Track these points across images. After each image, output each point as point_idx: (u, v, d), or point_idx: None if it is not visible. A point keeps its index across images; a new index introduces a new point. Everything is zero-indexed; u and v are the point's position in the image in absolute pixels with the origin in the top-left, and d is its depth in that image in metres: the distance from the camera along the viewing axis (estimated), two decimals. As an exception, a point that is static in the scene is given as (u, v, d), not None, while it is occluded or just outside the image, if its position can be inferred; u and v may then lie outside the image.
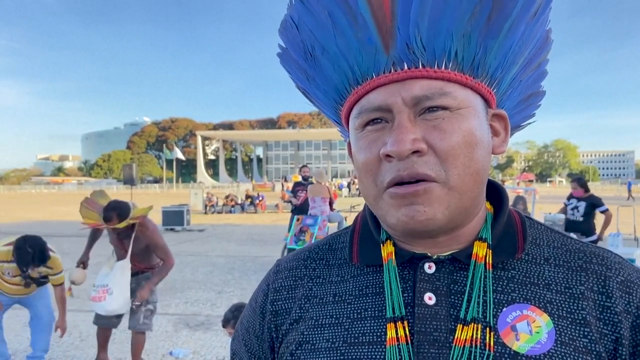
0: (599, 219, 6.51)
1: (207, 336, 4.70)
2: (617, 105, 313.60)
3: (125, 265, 3.59)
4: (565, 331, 0.53)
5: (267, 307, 0.67)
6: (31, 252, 3.34)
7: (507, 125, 0.62)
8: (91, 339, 4.63)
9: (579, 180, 6.78)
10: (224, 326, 3.04)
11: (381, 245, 0.62)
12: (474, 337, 0.53)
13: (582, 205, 6.47)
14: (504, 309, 0.55)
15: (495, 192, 0.65)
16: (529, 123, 0.72)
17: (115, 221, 3.41)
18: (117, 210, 3.46)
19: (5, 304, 3.58)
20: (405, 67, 0.54)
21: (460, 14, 0.51)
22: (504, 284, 0.57)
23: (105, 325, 3.78)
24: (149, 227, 3.62)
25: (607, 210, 6.40)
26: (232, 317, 2.97)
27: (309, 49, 0.58)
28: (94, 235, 4.06)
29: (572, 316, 0.55)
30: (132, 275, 3.67)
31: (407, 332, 0.55)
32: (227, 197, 23.30)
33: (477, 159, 0.54)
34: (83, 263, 3.99)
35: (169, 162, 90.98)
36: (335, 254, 0.68)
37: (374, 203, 0.58)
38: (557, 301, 0.56)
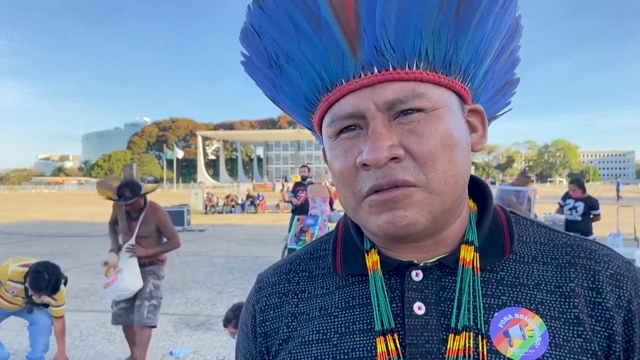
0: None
1: (208, 336, 4.70)
2: (617, 106, 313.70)
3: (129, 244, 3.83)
4: (559, 332, 0.52)
5: (256, 329, 0.64)
6: (47, 279, 3.35)
7: (485, 120, 0.60)
8: (91, 339, 4.64)
9: (578, 181, 6.92)
10: (225, 326, 3.04)
11: (365, 254, 0.60)
12: (467, 346, 0.51)
13: (581, 206, 6.60)
14: (496, 314, 0.53)
15: (477, 188, 0.63)
16: (505, 112, 0.70)
17: (129, 193, 3.71)
18: (129, 186, 3.77)
19: None
20: (375, 71, 0.51)
21: (427, 10, 0.49)
22: (494, 286, 0.55)
23: (124, 323, 3.88)
24: (159, 208, 3.95)
25: (598, 214, 6.66)
26: (233, 317, 2.97)
27: (273, 57, 0.56)
28: (114, 227, 4.24)
29: (564, 316, 0.53)
30: (140, 266, 3.82)
31: (399, 345, 0.53)
32: (227, 197, 23.31)
33: (457, 160, 0.52)
34: (116, 250, 4.09)
35: (170, 162, 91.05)
36: (318, 263, 0.65)
37: (353, 213, 0.56)
38: (548, 301, 0.54)
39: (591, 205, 6.59)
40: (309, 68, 0.54)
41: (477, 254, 0.56)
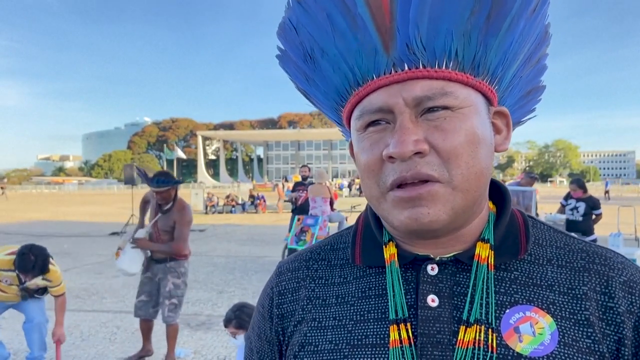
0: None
1: (208, 336, 4.71)
2: (618, 105, 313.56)
3: (142, 232, 3.99)
4: (568, 332, 0.53)
5: (273, 311, 0.67)
6: (33, 259, 3.36)
7: (509, 122, 0.62)
8: (92, 338, 4.64)
9: (578, 181, 6.91)
10: (225, 326, 3.04)
11: (384, 246, 0.62)
12: (477, 339, 0.53)
13: (582, 206, 6.59)
14: (507, 311, 0.55)
15: (497, 192, 0.65)
16: (530, 118, 0.71)
17: (164, 178, 3.85)
18: (163, 174, 3.95)
19: None
20: (406, 68, 0.53)
21: (459, 12, 0.51)
22: (507, 285, 0.57)
23: (143, 316, 4.00)
24: (186, 207, 3.99)
25: (600, 214, 6.64)
26: (233, 317, 2.97)
27: (308, 51, 0.58)
28: (144, 208, 4.40)
29: (575, 317, 0.54)
30: (159, 262, 3.95)
31: (411, 334, 0.55)
32: (227, 197, 23.30)
33: (480, 158, 0.54)
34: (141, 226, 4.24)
35: (170, 162, 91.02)
36: (337, 254, 0.68)
37: (376, 204, 0.58)
38: (560, 302, 0.55)
39: (592, 205, 6.59)
40: (342, 63, 0.57)
41: (492, 252, 0.58)
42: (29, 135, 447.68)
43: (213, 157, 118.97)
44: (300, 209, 8.35)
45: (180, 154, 60.31)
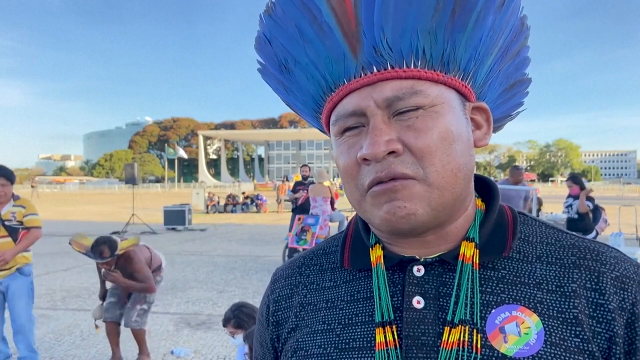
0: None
1: (209, 335, 4.71)
2: (619, 105, 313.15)
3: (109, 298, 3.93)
4: (556, 331, 0.52)
5: (270, 319, 0.68)
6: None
7: (489, 117, 0.61)
8: (92, 338, 4.64)
9: (574, 178, 6.82)
10: (224, 325, 3.04)
11: (370, 249, 0.62)
12: (461, 339, 0.52)
13: (576, 204, 6.51)
14: (493, 311, 0.54)
15: (486, 188, 0.64)
16: (519, 111, 0.70)
17: (107, 253, 3.64)
18: (107, 242, 3.70)
19: None
20: (375, 70, 0.54)
21: (423, 11, 0.51)
22: (494, 284, 0.56)
23: (110, 319, 3.93)
24: (129, 256, 3.80)
25: (596, 207, 6.57)
26: (232, 317, 2.97)
27: (283, 62, 0.59)
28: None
29: (562, 316, 0.53)
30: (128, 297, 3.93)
31: (396, 337, 0.55)
32: (228, 196, 23.32)
33: (455, 155, 0.54)
34: (102, 297, 4.10)
35: (171, 162, 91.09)
36: (329, 258, 0.68)
37: (358, 207, 0.58)
38: (548, 301, 0.54)
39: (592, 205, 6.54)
40: (314, 70, 0.58)
41: (477, 251, 0.57)
42: (30, 134, 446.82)
43: (214, 156, 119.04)
44: (300, 208, 8.35)
45: (182, 153, 60.38)
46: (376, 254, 0.61)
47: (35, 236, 3.73)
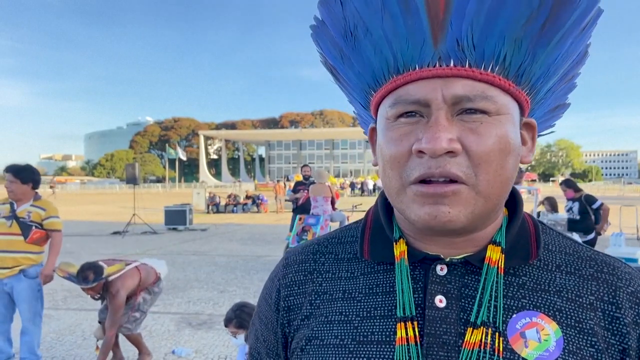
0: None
1: (210, 335, 4.71)
2: (620, 105, 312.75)
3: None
4: (573, 340, 0.53)
5: (280, 303, 0.66)
6: (23, 164, 3.55)
7: (535, 135, 0.61)
8: (94, 338, 4.64)
9: (567, 182, 6.88)
10: (226, 325, 3.04)
11: (394, 243, 0.61)
12: (483, 341, 0.53)
13: (576, 206, 6.53)
14: (514, 315, 0.55)
15: (510, 195, 0.64)
16: (547, 133, 0.71)
17: (91, 277, 3.58)
18: (92, 269, 3.64)
19: None
20: (452, 64, 0.52)
21: (516, 17, 0.50)
22: (515, 290, 0.57)
23: (104, 319, 3.91)
24: (113, 291, 3.68)
25: (601, 205, 6.43)
26: (234, 317, 2.97)
27: (351, 28, 0.55)
28: None
29: (580, 325, 0.54)
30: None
31: (417, 333, 0.55)
32: (229, 196, 23.32)
33: (507, 167, 0.53)
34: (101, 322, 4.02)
35: (172, 162, 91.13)
36: (345, 248, 0.67)
37: (395, 196, 0.56)
38: (567, 309, 0.55)
39: (587, 202, 6.45)
40: (385, 46, 0.54)
41: (503, 255, 0.57)
42: (31, 135, 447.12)
43: (215, 156, 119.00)
44: (301, 208, 8.35)
45: (180, 154, 60.36)
46: (400, 249, 0.60)
47: (59, 240, 3.75)
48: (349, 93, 0.66)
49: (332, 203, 7.87)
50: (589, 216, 6.45)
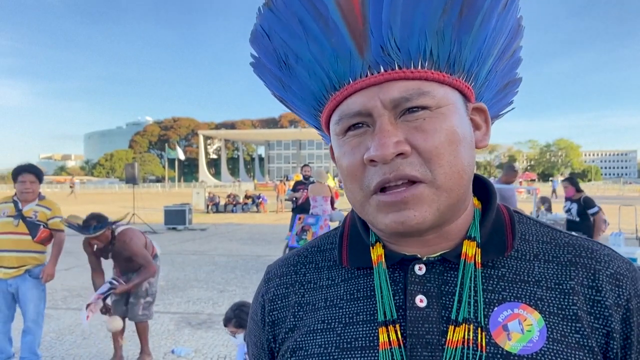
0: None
1: (209, 335, 4.72)
2: (619, 105, 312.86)
3: (106, 286, 3.77)
4: (557, 328, 0.53)
5: (265, 318, 0.67)
6: (26, 163, 3.59)
7: (488, 118, 0.62)
8: (94, 337, 4.65)
9: (570, 179, 6.74)
10: (225, 325, 3.05)
11: (370, 247, 0.61)
12: (466, 337, 0.53)
13: (574, 207, 6.42)
14: (495, 309, 0.55)
15: (482, 187, 0.64)
16: (508, 111, 0.71)
17: (94, 224, 3.62)
18: (96, 218, 3.68)
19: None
20: (382, 70, 0.53)
21: (432, 11, 0.51)
22: (495, 282, 0.57)
23: (120, 313, 3.92)
24: (128, 239, 3.76)
25: (596, 213, 6.24)
26: (233, 316, 2.97)
27: (283, 58, 0.57)
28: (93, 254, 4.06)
29: (563, 312, 0.54)
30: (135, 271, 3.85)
31: (400, 336, 0.55)
32: (228, 196, 23.32)
33: (461, 156, 0.54)
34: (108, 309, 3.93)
35: (171, 162, 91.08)
36: (325, 255, 0.67)
37: (360, 209, 0.57)
38: (548, 298, 0.55)
39: (585, 205, 6.31)
40: (317, 68, 0.56)
41: (479, 250, 0.58)
42: (30, 134, 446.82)
43: (214, 156, 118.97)
44: (301, 208, 8.36)
45: (180, 154, 60.36)
46: (377, 253, 0.60)
47: (62, 239, 3.77)
48: (303, 118, 0.67)
49: (332, 203, 7.87)
50: (587, 218, 6.38)
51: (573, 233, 0.64)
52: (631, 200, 20.19)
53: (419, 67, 0.53)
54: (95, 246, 3.71)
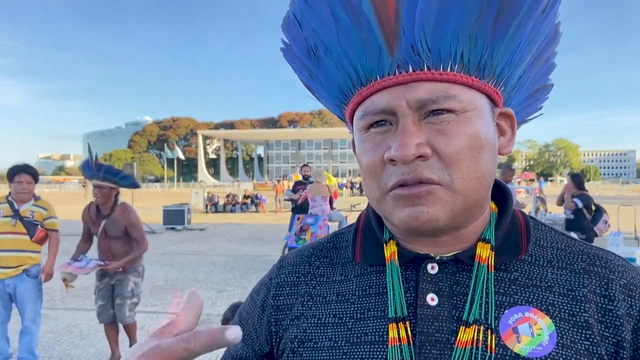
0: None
1: (208, 335, 4.70)
2: (618, 105, 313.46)
3: (94, 262, 3.88)
4: (567, 334, 0.53)
5: (268, 301, 0.67)
6: (21, 163, 3.60)
7: (514, 124, 0.61)
8: (92, 337, 4.64)
9: (573, 176, 6.74)
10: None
11: (384, 244, 0.62)
12: (476, 338, 0.53)
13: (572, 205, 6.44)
14: (506, 311, 0.55)
15: (500, 192, 0.64)
16: (536, 116, 0.70)
17: (103, 168, 3.79)
18: (107, 167, 3.86)
19: None
20: (410, 70, 0.53)
21: (467, 14, 0.50)
22: (507, 285, 0.57)
23: (106, 320, 3.96)
24: (129, 208, 3.90)
25: (597, 210, 6.36)
26: (231, 317, 2.96)
27: (312, 48, 0.57)
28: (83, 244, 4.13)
29: (573, 319, 0.54)
30: (109, 275, 3.89)
31: (409, 333, 0.55)
32: (228, 196, 23.32)
33: (482, 162, 0.54)
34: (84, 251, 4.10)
35: (170, 161, 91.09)
36: (339, 252, 0.68)
37: (377, 205, 0.58)
38: (559, 303, 0.55)
39: (584, 203, 6.37)
40: (345, 61, 0.56)
41: (493, 252, 0.58)
42: (30, 134, 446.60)
43: (214, 156, 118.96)
44: (300, 208, 8.36)
45: (179, 154, 60.39)
46: (391, 250, 0.61)
47: (58, 239, 3.80)
48: (329, 108, 0.67)
49: (331, 202, 7.87)
50: (583, 216, 6.40)
51: (588, 243, 0.63)
52: (630, 200, 20.23)
53: (448, 69, 0.53)
54: (96, 199, 3.77)
